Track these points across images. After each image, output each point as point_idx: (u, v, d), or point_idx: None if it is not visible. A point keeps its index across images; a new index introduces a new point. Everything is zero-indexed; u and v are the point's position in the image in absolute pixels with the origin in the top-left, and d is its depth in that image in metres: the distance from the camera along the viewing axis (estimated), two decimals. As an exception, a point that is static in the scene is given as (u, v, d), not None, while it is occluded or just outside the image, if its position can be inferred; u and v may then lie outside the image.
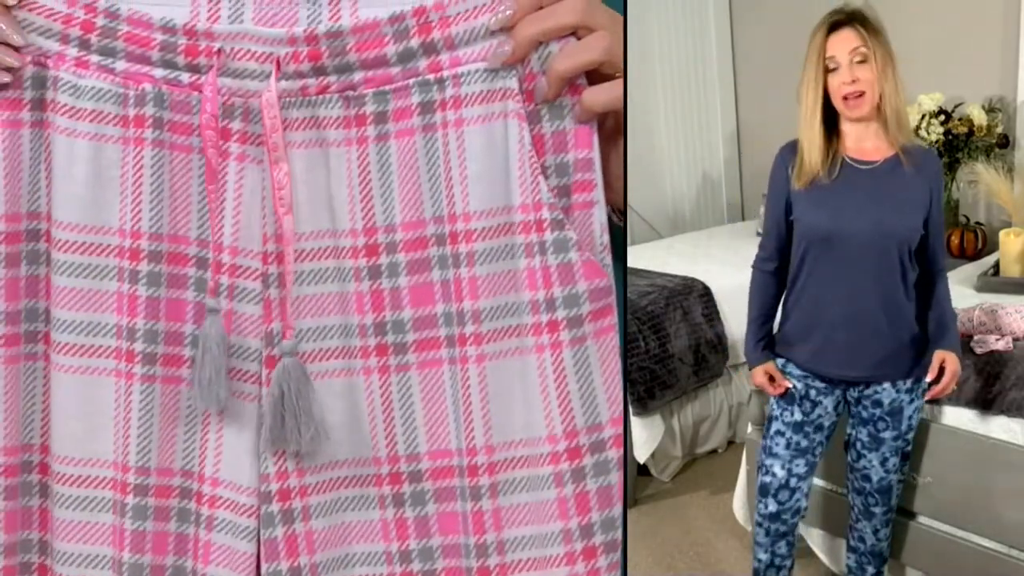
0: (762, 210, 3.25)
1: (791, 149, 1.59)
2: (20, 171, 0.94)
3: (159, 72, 0.93)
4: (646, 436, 2.29)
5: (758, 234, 3.19)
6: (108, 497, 0.95)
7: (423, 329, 0.95)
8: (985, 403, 1.67)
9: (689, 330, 2.43)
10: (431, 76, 0.93)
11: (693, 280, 2.54)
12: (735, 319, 2.54)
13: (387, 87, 0.93)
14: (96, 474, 0.94)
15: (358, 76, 0.93)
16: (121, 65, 0.93)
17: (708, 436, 2.56)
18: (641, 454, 2.29)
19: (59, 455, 0.94)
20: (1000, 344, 1.77)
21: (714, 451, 2.57)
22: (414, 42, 0.93)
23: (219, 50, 0.92)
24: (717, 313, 2.50)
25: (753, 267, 1.66)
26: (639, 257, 2.87)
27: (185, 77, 0.93)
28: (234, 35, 0.92)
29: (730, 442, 2.59)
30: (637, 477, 2.41)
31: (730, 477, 2.12)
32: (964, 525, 1.69)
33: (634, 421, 2.26)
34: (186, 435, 0.96)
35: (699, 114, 3.74)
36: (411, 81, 0.93)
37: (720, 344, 2.49)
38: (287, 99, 0.93)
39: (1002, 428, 1.65)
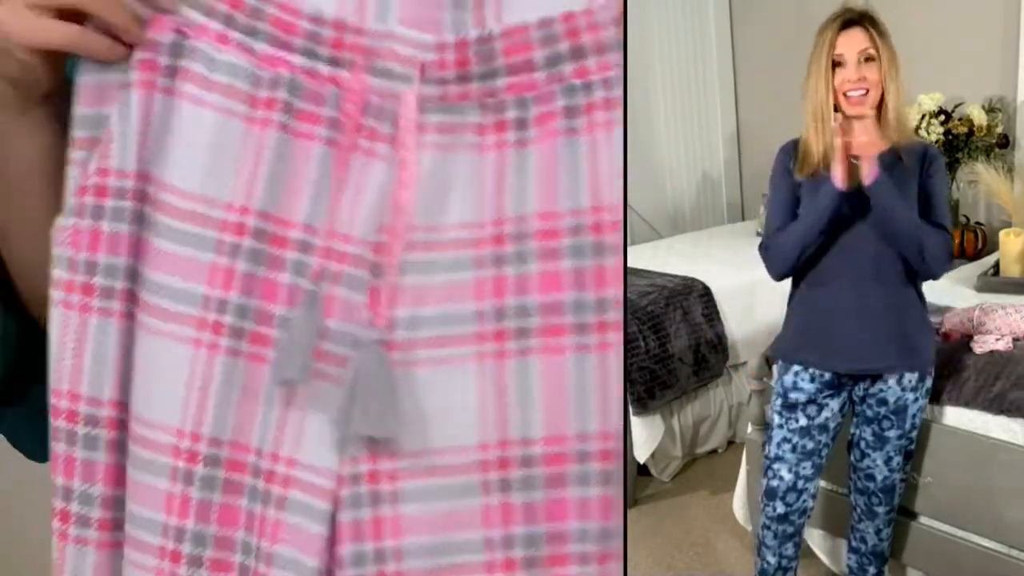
0: (762, 210, 3.25)
1: (792, 147, 1.60)
2: (145, 132, 0.95)
3: (298, 60, 0.93)
4: (646, 436, 2.29)
5: (758, 234, 3.19)
6: (180, 465, 0.95)
7: (549, 315, 0.95)
8: (985, 403, 1.67)
9: (689, 330, 2.43)
10: (578, 81, 0.93)
11: (693, 280, 2.54)
12: (735, 319, 2.54)
13: (530, 94, 0.93)
14: (170, 441, 0.95)
15: (500, 82, 0.93)
16: (261, 47, 0.93)
17: (708, 436, 2.56)
18: (641, 454, 2.29)
19: (140, 416, 0.95)
20: (1000, 344, 1.77)
21: (714, 451, 2.57)
22: (562, 46, 0.92)
23: (367, 47, 0.92)
24: (717, 313, 2.50)
25: (764, 243, 1.64)
26: (639, 257, 2.87)
27: (324, 68, 0.93)
28: (382, 34, 0.92)
29: (730, 442, 2.60)
30: (637, 477, 2.41)
31: (730, 477, 2.12)
32: (964, 525, 1.70)
33: (634, 421, 2.26)
34: (265, 413, 0.96)
35: (699, 114, 3.74)
36: (556, 87, 0.93)
37: (720, 344, 2.49)
38: (426, 105, 0.93)
39: (1002, 428, 1.65)
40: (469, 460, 0.94)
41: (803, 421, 1.62)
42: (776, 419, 1.64)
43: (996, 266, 2.44)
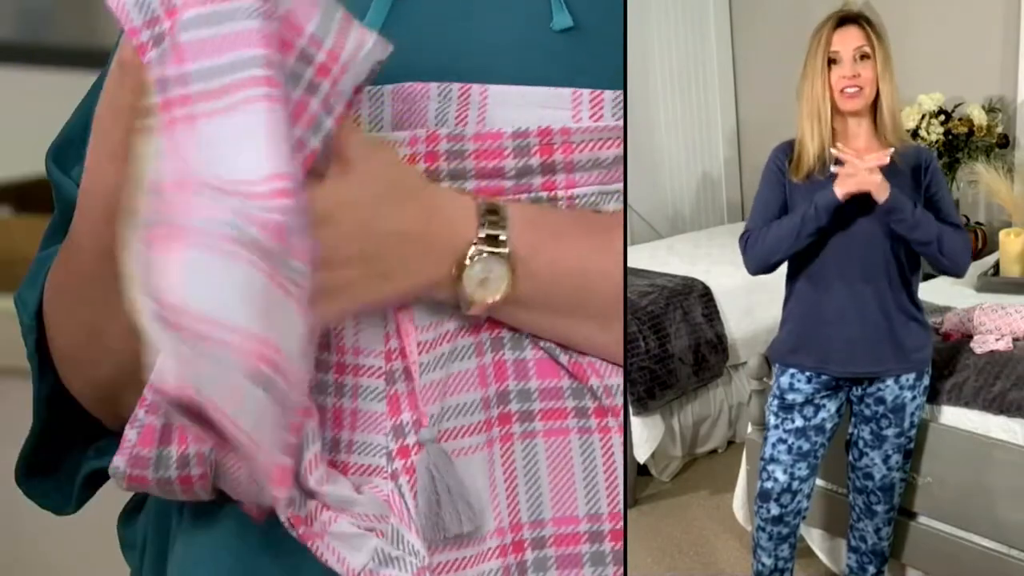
0: (762, 210, 3.25)
1: (785, 149, 1.60)
2: None
3: None
4: (646, 436, 2.29)
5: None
6: None
7: (549, 399, 0.95)
8: (985, 403, 1.67)
9: (689, 330, 2.43)
10: (544, 193, 0.93)
11: (693, 280, 2.54)
12: (735, 319, 2.54)
13: (498, 198, 0.93)
14: None
15: (470, 184, 0.93)
16: None
17: (708, 436, 2.56)
18: (641, 454, 2.29)
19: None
20: (1000, 344, 1.77)
21: (714, 451, 2.57)
22: (534, 160, 0.92)
23: None
24: (717, 313, 2.50)
25: (744, 236, 1.62)
26: (639, 257, 2.87)
27: None
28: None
29: (730, 442, 2.59)
30: (637, 477, 2.41)
31: (730, 477, 2.12)
32: (964, 525, 1.69)
33: (634, 421, 2.26)
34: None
35: (699, 114, 3.74)
36: (523, 196, 0.93)
37: (720, 344, 2.49)
38: None
39: (1002, 428, 1.65)
40: (489, 546, 0.95)
41: (799, 422, 1.61)
42: (772, 420, 1.63)
43: (996, 266, 2.44)
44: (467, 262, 0.90)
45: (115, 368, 0.98)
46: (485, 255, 0.90)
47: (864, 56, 1.53)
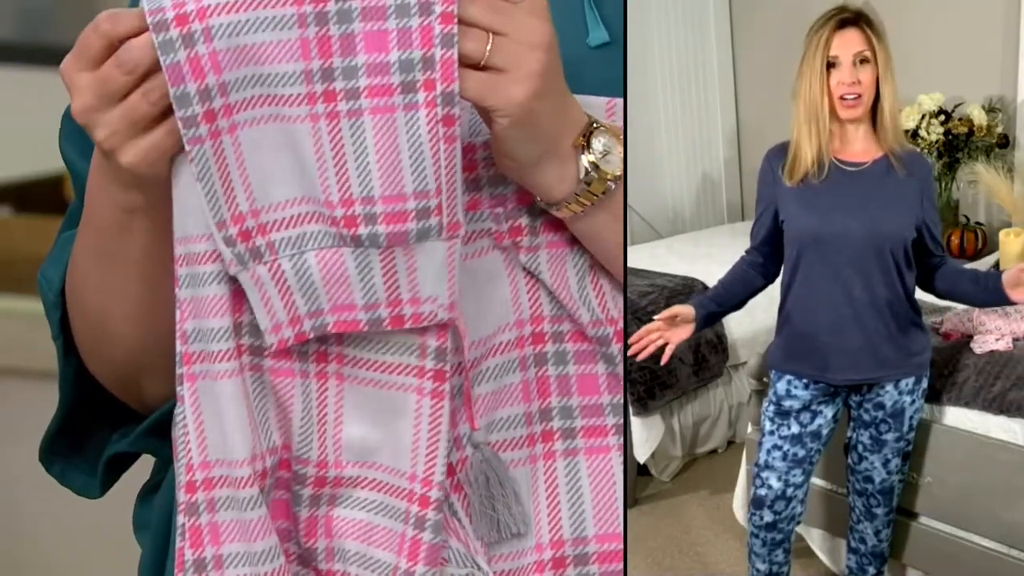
0: (762, 210, 3.25)
1: (779, 152, 1.59)
2: None
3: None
4: (646, 436, 2.29)
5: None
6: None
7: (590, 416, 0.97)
8: (985, 403, 1.67)
9: (689, 330, 2.42)
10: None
11: (693, 280, 2.54)
12: (735, 319, 2.53)
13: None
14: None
15: (510, 191, 0.96)
16: None
17: (708, 436, 2.56)
18: (641, 454, 2.29)
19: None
20: (1000, 344, 1.77)
21: (714, 451, 2.57)
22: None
23: None
24: (717, 313, 2.50)
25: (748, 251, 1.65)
26: (639, 257, 2.87)
27: None
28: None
29: (730, 442, 2.59)
30: (637, 477, 2.41)
31: (730, 477, 2.12)
32: (965, 525, 1.69)
33: (634, 421, 2.26)
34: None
35: (699, 114, 3.74)
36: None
37: (720, 344, 2.49)
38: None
39: (1002, 428, 1.65)
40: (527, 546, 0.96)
41: (795, 428, 1.60)
42: (767, 425, 1.62)
43: (996, 266, 2.44)
44: (592, 131, 0.93)
45: (124, 354, 0.99)
46: (604, 129, 0.93)
47: (864, 60, 1.51)
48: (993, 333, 1.80)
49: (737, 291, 1.65)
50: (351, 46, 0.86)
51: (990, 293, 1.57)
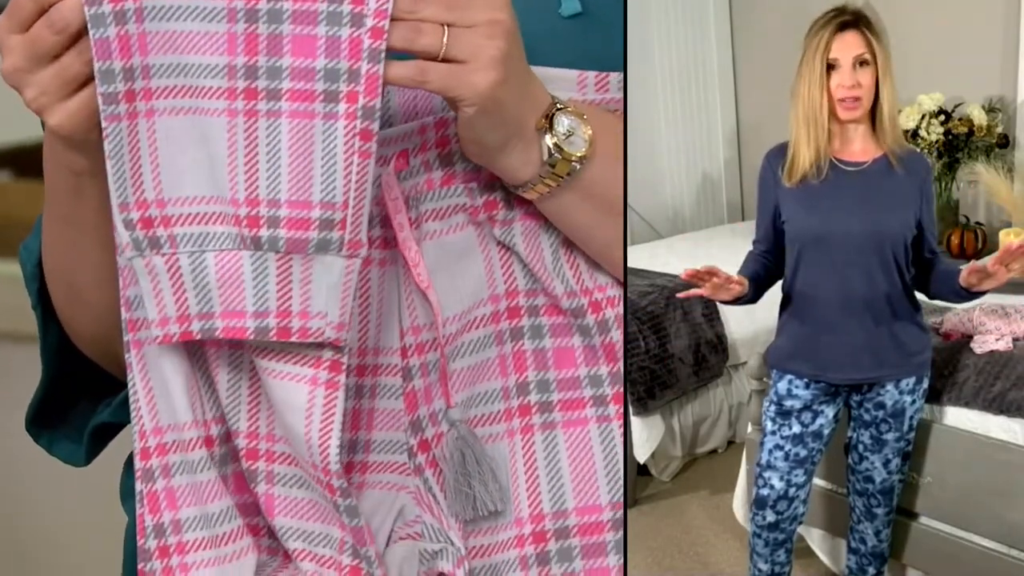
0: (762, 210, 3.25)
1: (779, 152, 1.59)
2: None
3: None
4: (646, 436, 2.29)
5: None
6: None
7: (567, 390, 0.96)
8: (985, 403, 1.67)
9: (689, 330, 2.43)
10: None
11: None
12: (735, 319, 2.54)
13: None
14: None
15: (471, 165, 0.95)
16: None
17: (708, 436, 2.56)
18: (641, 454, 2.29)
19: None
20: (1000, 344, 1.77)
21: (714, 451, 2.57)
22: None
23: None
24: (717, 313, 2.50)
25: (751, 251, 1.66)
26: (639, 257, 2.87)
27: None
28: None
29: (730, 442, 2.59)
30: (637, 477, 2.41)
31: (730, 477, 2.12)
32: (965, 525, 1.69)
33: (634, 421, 2.26)
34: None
35: (699, 114, 3.74)
36: None
37: (720, 344, 2.49)
38: (414, 196, 0.94)
39: (1002, 428, 1.65)
40: (509, 536, 0.97)
41: (796, 428, 1.60)
42: (769, 425, 1.62)
43: (996, 266, 2.43)
44: (555, 112, 0.92)
45: (95, 321, 1.00)
46: (568, 110, 0.92)
47: (864, 62, 1.50)
48: (993, 333, 1.80)
49: (759, 273, 1.64)
50: (278, 47, 0.86)
51: (963, 293, 1.57)
